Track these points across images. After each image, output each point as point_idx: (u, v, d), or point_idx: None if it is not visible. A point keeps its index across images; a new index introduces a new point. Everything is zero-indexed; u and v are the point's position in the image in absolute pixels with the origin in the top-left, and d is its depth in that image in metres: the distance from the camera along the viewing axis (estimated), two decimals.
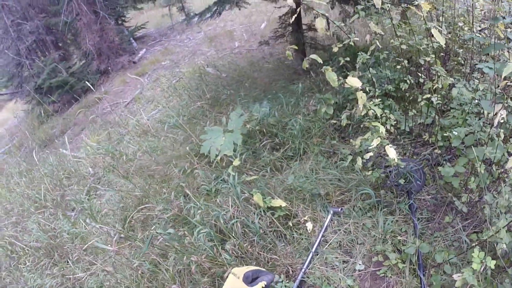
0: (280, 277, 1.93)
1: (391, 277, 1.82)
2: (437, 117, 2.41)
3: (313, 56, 1.89)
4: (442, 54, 2.71)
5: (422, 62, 2.22)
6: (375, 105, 1.97)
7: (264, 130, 3.04)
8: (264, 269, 1.43)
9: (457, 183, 2.04)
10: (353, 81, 1.78)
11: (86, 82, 5.45)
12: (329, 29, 4.19)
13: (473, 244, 1.70)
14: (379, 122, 1.92)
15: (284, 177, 2.54)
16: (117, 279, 2.21)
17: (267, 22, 8.04)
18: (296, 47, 2.11)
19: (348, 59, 2.50)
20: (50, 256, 2.79)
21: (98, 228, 2.77)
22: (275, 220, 2.15)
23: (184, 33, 9.91)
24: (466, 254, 1.75)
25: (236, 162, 2.37)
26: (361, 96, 1.84)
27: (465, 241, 1.82)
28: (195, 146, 3.13)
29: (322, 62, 1.89)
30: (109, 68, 8.19)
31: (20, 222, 3.52)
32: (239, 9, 4.65)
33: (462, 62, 2.81)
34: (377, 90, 2.63)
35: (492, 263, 1.44)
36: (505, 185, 1.76)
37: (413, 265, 1.81)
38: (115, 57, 8.34)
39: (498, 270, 1.61)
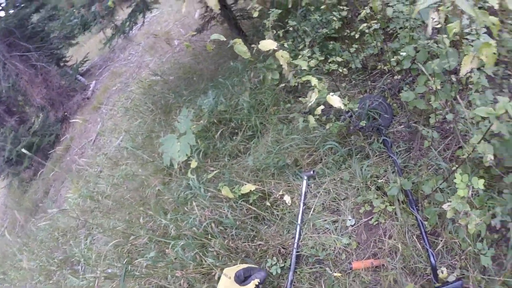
0: (272, 260, 1.88)
1: (385, 222, 1.78)
2: (379, 43, 2.31)
3: (215, 35, 1.81)
4: None
5: None
6: (302, 58, 1.92)
7: (217, 120, 2.97)
8: (256, 266, 1.41)
9: (422, 104, 1.90)
10: (266, 44, 1.70)
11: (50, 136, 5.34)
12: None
13: (453, 168, 1.60)
14: (310, 74, 1.86)
15: (246, 160, 2.51)
16: None
17: (199, 9, 7.80)
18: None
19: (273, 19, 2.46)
20: None
21: (100, 272, 2.78)
22: (251, 207, 2.10)
23: (126, 50, 9.60)
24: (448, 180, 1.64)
25: (194, 164, 2.35)
26: (282, 55, 1.77)
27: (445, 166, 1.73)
28: (159, 160, 3.09)
29: (225, 39, 1.82)
30: (66, 113, 8.02)
31: None
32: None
33: None
34: (306, 40, 2.58)
35: (480, 183, 1.31)
36: (472, 91, 1.65)
37: (403, 204, 1.75)
38: (68, 101, 8.16)
39: (493, 180, 1.54)
